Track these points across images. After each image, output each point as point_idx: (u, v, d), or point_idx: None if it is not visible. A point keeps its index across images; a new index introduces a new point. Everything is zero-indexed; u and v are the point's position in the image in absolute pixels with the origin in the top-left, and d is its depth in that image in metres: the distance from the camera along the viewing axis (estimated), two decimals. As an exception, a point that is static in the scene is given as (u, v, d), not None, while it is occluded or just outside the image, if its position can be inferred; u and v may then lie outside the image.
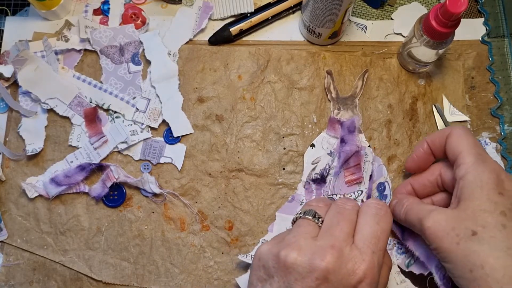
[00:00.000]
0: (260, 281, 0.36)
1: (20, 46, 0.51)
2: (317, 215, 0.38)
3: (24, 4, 0.54)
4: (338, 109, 0.49)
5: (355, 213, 0.38)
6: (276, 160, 0.48)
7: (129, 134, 0.49)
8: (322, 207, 0.39)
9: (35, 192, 0.48)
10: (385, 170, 0.48)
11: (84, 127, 0.49)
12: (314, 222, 0.38)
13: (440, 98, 0.50)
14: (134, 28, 0.51)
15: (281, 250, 0.35)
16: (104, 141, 0.49)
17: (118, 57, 0.51)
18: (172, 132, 0.49)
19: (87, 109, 0.49)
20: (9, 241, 0.47)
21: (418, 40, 0.45)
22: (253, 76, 0.50)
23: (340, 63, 0.51)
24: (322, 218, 0.38)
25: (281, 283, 0.34)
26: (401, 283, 0.45)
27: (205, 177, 0.48)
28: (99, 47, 0.51)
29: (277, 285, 0.35)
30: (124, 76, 0.51)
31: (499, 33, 0.52)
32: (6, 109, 0.51)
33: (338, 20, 0.46)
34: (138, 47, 0.51)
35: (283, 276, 0.34)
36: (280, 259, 0.35)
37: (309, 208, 0.39)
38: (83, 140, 0.49)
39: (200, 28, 0.52)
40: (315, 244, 0.35)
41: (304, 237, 0.36)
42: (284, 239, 0.37)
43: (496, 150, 0.48)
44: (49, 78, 0.49)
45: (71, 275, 0.47)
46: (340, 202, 0.39)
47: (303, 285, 0.33)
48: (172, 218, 0.47)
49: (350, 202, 0.39)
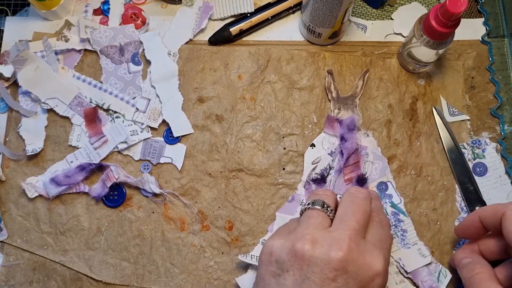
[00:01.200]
0: (273, 276, 0.35)
1: (20, 46, 0.51)
2: (326, 204, 0.37)
3: (24, 4, 0.54)
4: (338, 109, 0.49)
5: (369, 202, 0.38)
6: (276, 160, 0.48)
7: (129, 134, 0.49)
8: (329, 195, 0.39)
9: (35, 192, 0.48)
10: (389, 170, 0.48)
11: (84, 127, 0.49)
12: (323, 212, 0.37)
13: (440, 98, 0.50)
14: (134, 28, 0.51)
15: (296, 243, 0.34)
16: (104, 141, 0.49)
17: (118, 57, 0.51)
18: (172, 132, 0.49)
19: (87, 109, 0.49)
20: (9, 241, 0.47)
21: (418, 40, 0.45)
22: (253, 76, 0.50)
23: (340, 63, 0.51)
24: (331, 207, 0.37)
25: (297, 276, 0.34)
26: (400, 283, 0.45)
27: (205, 177, 0.48)
28: (99, 47, 0.51)
29: (293, 278, 0.34)
30: (124, 76, 0.51)
31: (499, 33, 0.52)
32: (6, 109, 0.51)
33: (338, 20, 0.46)
34: (138, 47, 0.51)
35: (300, 270, 0.34)
36: (296, 252, 0.34)
37: (316, 197, 0.38)
38: (83, 140, 0.49)
39: (200, 28, 0.52)
40: (331, 235, 0.34)
41: (317, 228, 0.35)
42: (296, 231, 0.36)
43: (496, 150, 0.48)
44: (49, 78, 0.49)
45: (71, 275, 0.47)
46: (354, 191, 0.38)
47: (321, 276, 0.33)
48: (172, 218, 0.48)
49: (363, 190, 0.38)
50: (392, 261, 0.45)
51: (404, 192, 0.47)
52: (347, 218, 0.36)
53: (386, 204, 0.47)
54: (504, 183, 0.48)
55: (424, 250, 0.45)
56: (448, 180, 0.48)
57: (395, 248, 0.45)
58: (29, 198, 0.48)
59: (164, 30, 0.52)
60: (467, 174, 0.47)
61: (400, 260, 0.44)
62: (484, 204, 0.46)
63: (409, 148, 0.49)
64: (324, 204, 0.37)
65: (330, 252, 0.33)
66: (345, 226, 0.35)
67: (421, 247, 0.45)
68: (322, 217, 0.37)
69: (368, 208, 0.37)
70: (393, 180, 0.47)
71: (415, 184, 0.48)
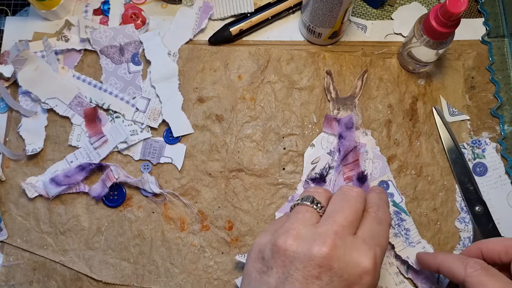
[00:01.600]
0: (259, 273, 0.34)
1: (20, 46, 0.51)
2: (316, 200, 0.36)
3: (24, 4, 0.54)
4: (337, 109, 0.49)
5: (362, 201, 0.36)
6: (276, 160, 0.48)
7: (129, 134, 0.49)
8: (321, 192, 0.37)
9: (35, 192, 0.48)
10: (389, 169, 0.48)
11: (84, 127, 0.49)
12: (312, 208, 0.36)
13: (440, 98, 0.50)
14: (134, 28, 0.51)
15: (278, 238, 0.33)
16: (104, 141, 0.49)
17: (118, 57, 0.51)
18: (172, 132, 0.49)
19: (87, 109, 0.49)
20: (9, 241, 0.47)
21: (418, 40, 0.45)
22: (253, 76, 0.50)
23: (340, 63, 0.51)
24: (321, 204, 0.36)
25: (280, 273, 0.32)
26: (400, 284, 0.45)
27: (205, 177, 0.48)
28: (99, 47, 0.51)
29: (276, 276, 0.32)
30: (124, 76, 0.51)
31: (499, 33, 0.52)
32: (6, 109, 0.51)
33: (338, 20, 0.46)
34: (138, 47, 0.51)
35: (282, 266, 0.32)
36: (279, 247, 0.33)
37: (307, 194, 0.37)
38: (83, 140, 0.49)
39: (200, 28, 0.52)
40: (316, 231, 0.33)
41: (303, 223, 0.34)
42: (282, 227, 0.35)
43: (496, 150, 0.48)
44: (49, 78, 0.49)
45: (71, 275, 0.47)
46: (346, 189, 0.37)
47: (304, 274, 0.31)
48: (172, 218, 0.48)
49: (356, 189, 0.37)
50: (393, 261, 0.45)
51: (404, 192, 0.47)
52: (335, 214, 0.34)
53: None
54: (504, 183, 0.48)
55: (429, 248, 0.45)
56: (448, 180, 0.48)
57: (401, 247, 0.45)
58: (29, 198, 0.48)
59: (164, 30, 0.52)
60: (467, 174, 0.47)
61: (408, 259, 0.44)
62: (484, 204, 0.46)
63: (409, 148, 0.49)
64: (314, 200, 0.36)
65: (313, 247, 0.32)
66: (332, 221, 0.34)
67: (425, 245, 0.45)
68: (311, 213, 0.35)
69: (360, 206, 0.36)
70: (393, 179, 0.47)
71: (415, 184, 0.48)
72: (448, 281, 0.44)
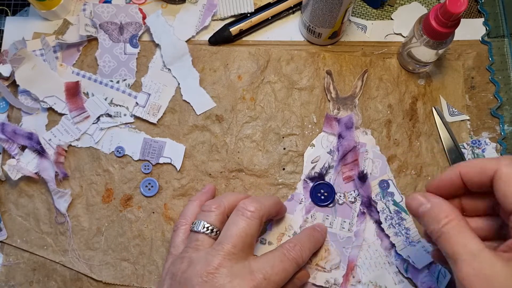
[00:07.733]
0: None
1: (17, 45, 0.51)
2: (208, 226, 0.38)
3: (24, 4, 0.54)
4: (337, 109, 0.49)
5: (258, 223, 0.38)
6: (276, 160, 0.48)
7: (110, 107, 0.49)
8: (214, 211, 0.39)
9: (18, 173, 0.47)
10: (389, 168, 0.48)
11: (65, 100, 0.49)
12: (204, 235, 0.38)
13: (440, 98, 0.50)
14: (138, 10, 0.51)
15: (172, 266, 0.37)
16: (85, 116, 0.49)
17: (116, 35, 0.51)
18: (195, 111, 0.49)
19: (69, 83, 0.49)
20: (9, 241, 0.48)
21: (418, 40, 0.45)
22: (253, 76, 0.50)
23: (340, 63, 0.51)
24: (211, 226, 0.38)
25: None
26: (400, 283, 0.45)
27: (205, 177, 0.48)
28: (100, 21, 0.51)
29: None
30: (119, 56, 0.51)
31: (499, 33, 0.52)
32: (6, 109, 0.51)
33: (338, 20, 0.46)
34: (138, 29, 0.51)
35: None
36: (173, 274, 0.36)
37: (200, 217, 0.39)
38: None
39: (204, 25, 0.52)
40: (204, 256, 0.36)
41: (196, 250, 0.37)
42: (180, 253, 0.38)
43: (496, 150, 0.48)
44: (46, 76, 0.49)
45: (71, 275, 0.47)
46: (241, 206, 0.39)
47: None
48: (172, 218, 0.48)
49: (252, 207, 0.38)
50: (392, 261, 0.45)
51: (404, 192, 0.47)
52: (225, 240, 0.37)
53: (389, 202, 0.46)
54: (504, 183, 0.47)
55: (429, 247, 0.45)
56: (448, 180, 0.48)
57: (402, 246, 0.45)
58: (29, 198, 0.48)
59: (164, 30, 0.52)
60: (467, 174, 0.47)
61: (409, 258, 0.44)
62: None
63: (409, 148, 0.49)
64: (205, 226, 0.38)
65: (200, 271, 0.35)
66: (220, 248, 0.36)
67: (425, 244, 0.45)
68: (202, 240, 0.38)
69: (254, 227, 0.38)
70: (393, 178, 0.48)
71: (415, 184, 0.48)
72: (448, 280, 0.44)
